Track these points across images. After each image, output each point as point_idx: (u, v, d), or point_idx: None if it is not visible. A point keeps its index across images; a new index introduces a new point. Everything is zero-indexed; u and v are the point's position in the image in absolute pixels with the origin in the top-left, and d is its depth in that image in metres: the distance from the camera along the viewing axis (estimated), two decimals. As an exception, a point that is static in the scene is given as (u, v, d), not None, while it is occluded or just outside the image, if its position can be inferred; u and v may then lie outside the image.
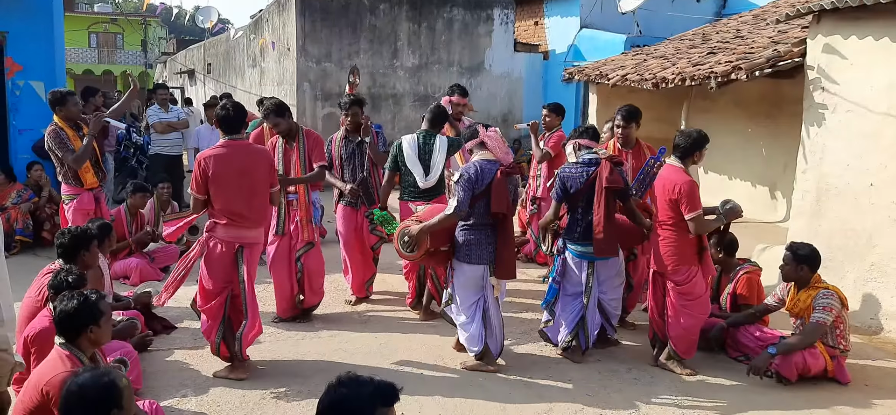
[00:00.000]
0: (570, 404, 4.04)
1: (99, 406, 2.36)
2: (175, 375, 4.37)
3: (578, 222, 4.56)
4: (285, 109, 5.07)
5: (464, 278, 4.35)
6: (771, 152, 7.88)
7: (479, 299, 4.39)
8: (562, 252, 4.70)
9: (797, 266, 4.39)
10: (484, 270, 4.30)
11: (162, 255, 6.75)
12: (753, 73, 6.15)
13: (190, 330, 5.17)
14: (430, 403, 4.02)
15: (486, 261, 4.28)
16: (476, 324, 4.38)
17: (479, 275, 4.31)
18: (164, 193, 7.19)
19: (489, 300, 4.40)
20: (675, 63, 7.81)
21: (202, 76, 20.35)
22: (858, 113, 5.38)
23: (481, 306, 4.40)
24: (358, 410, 2.13)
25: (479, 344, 4.43)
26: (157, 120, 9.05)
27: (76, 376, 2.43)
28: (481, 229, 4.27)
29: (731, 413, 3.97)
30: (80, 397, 2.36)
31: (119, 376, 2.46)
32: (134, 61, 38.79)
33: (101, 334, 3.12)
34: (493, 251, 4.27)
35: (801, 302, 4.39)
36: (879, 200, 5.20)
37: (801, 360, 4.26)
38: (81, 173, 5.66)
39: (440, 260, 4.47)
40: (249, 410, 3.91)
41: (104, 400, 2.37)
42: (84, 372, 2.47)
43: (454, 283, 4.42)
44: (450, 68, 13.83)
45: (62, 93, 5.81)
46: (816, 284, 4.38)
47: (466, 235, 4.29)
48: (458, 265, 4.35)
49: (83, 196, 5.72)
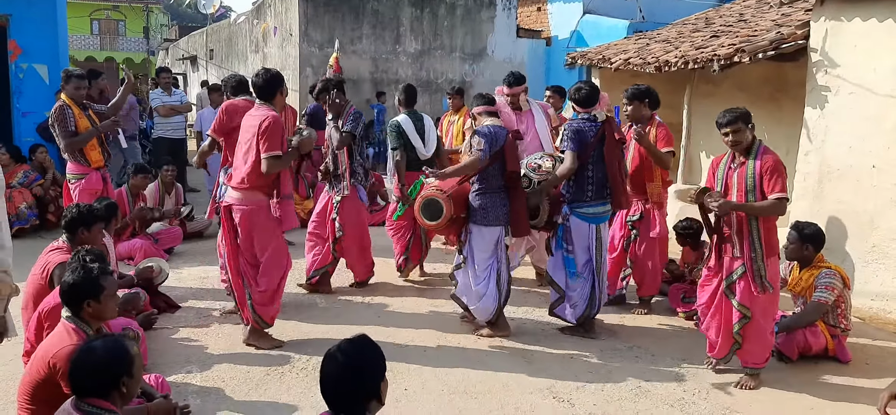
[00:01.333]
0: (571, 380, 4.07)
1: (110, 372, 2.40)
2: (180, 351, 4.41)
3: (590, 181, 4.57)
4: (246, 86, 5.20)
5: (482, 241, 4.52)
6: (773, 136, 7.86)
7: (492, 262, 4.55)
8: (566, 220, 4.66)
9: (802, 245, 4.39)
10: (500, 231, 4.53)
11: (166, 236, 6.79)
12: (756, 56, 6.14)
13: (194, 309, 5.22)
14: (433, 377, 4.06)
15: (502, 222, 4.50)
16: (491, 285, 4.55)
17: (496, 236, 4.53)
18: (167, 176, 7.21)
19: (502, 263, 4.58)
20: (677, 47, 7.80)
21: (204, 62, 20.34)
22: (861, 95, 5.37)
23: (495, 268, 4.56)
24: (372, 372, 2.17)
25: (494, 305, 4.57)
26: (161, 104, 9.07)
27: (87, 343, 2.47)
28: (495, 193, 4.48)
29: (728, 391, 3.99)
30: (92, 363, 2.39)
31: (130, 344, 2.50)
32: (136, 48, 38.71)
33: (100, 310, 3.10)
34: (508, 212, 4.49)
35: (804, 281, 4.41)
36: (881, 182, 5.21)
37: (801, 338, 4.29)
38: (87, 152, 5.70)
39: (458, 226, 4.64)
40: (254, 385, 3.96)
41: (115, 366, 2.40)
42: (95, 340, 2.50)
43: (471, 247, 4.57)
44: (452, 54, 13.82)
45: (68, 73, 5.87)
46: (819, 264, 4.40)
47: (482, 199, 4.48)
48: (476, 229, 4.52)
49: (91, 176, 5.77)
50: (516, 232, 4.58)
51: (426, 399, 3.81)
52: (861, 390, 4.03)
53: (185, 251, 6.94)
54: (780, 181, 3.77)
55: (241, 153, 4.33)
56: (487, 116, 4.61)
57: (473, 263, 4.58)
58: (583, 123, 4.60)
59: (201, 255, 6.73)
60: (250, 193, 4.27)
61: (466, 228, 4.60)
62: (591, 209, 4.61)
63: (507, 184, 4.50)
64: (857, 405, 3.83)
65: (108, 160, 5.93)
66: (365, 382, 2.15)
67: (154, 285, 5.16)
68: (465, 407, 3.72)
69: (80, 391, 2.40)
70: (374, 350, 2.22)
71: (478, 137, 4.42)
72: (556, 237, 4.73)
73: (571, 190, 4.62)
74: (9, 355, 4.23)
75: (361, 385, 2.14)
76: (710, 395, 3.92)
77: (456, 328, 4.87)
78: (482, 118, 4.65)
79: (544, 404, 3.77)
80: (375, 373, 2.18)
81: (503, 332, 4.67)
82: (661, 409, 3.74)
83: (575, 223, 4.63)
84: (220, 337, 4.66)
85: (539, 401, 3.81)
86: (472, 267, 4.58)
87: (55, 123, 5.65)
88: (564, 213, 4.67)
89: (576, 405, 3.77)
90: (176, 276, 5.98)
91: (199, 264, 6.43)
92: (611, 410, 3.73)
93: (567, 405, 3.77)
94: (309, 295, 5.58)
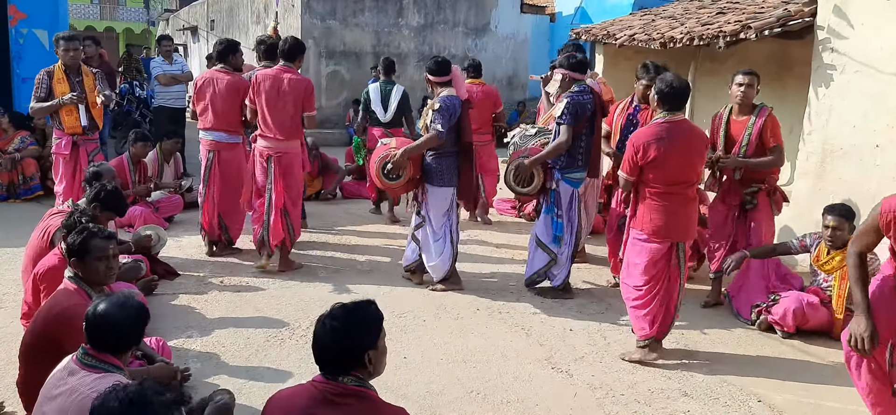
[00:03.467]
0: (569, 351, 4.09)
1: (135, 332, 2.41)
2: (180, 317, 4.42)
3: (581, 149, 4.71)
4: (230, 51, 5.55)
5: (437, 202, 4.89)
6: (777, 114, 7.72)
7: (446, 221, 4.93)
8: (557, 185, 4.77)
9: (850, 226, 4.23)
10: (453, 191, 4.93)
11: (166, 204, 6.77)
12: (762, 33, 6.09)
13: (194, 277, 5.23)
14: (432, 348, 4.08)
15: (454, 184, 4.91)
16: (447, 244, 4.92)
17: (450, 196, 4.92)
18: (170, 146, 7.16)
19: (454, 223, 4.99)
20: (683, 23, 7.73)
21: (205, 33, 20.18)
22: (866, 74, 5.34)
23: (449, 227, 4.94)
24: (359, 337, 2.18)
25: (450, 262, 4.96)
26: (161, 72, 8.99)
27: (121, 298, 2.44)
28: (450, 156, 4.85)
29: (726, 361, 4.01)
30: (125, 319, 2.37)
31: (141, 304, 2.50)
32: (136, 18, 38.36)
33: (101, 269, 3.10)
34: (458, 176, 4.89)
35: (834, 261, 4.29)
36: (885, 160, 5.19)
37: (799, 310, 4.29)
38: (62, 116, 5.67)
39: (414, 186, 5.02)
40: (254, 351, 3.98)
41: (139, 328, 2.42)
42: (127, 297, 2.48)
43: (428, 206, 4.92)
44: (455, 29, 13.71)
45: (58, 37, 5.84)
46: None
47: (437, 162, 4.84)
48: (432, 189, 4.88)
49: (62, 140, 5.78)
50: (462, 196, 4.98)
51: (425, 368, 3.83)
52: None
53: (185, 220, 6.93)
54: (778, 135, 4.62)
55: (279, 110, 5.15)
56: (446, 87, 4.82)
57: (431, 223, 4.91)
58: (582, 97, 4.64)
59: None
60: (291, 143, 5.21)
61: (423, 189, 4.93)
62: (579, 175, 4.79)
63: (460, 150, 4.86)
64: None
65: (88, 130, 5.82)
66: (356, 343, 2.14)
67: (152, 253, 5.16)
68: (464, 376, 3.74)
69: (99, 344, 2.37)
70: (366, 314, 2.20)
71: (434, 115, 4.72)
72: (547, 203, 4.85)
73: (564, 158, 4.71)
74: (8, 317, 4.25)
75: (354, 347, 2.13)
76: (707, 367, 3.94)
77: (455, 299, 4.89)
78: (437, 88, 4.85)
79: (542, 374, 3.80)
80: (362, 339, 2.16)
81: (457, 286, 5.02)
82: (659, 380, 3.76)
83: (564, 188, 4.78)
84: (219, 304, 4.68)
85: (537, 371, 3.83)
86: (430, 226, 4.91)
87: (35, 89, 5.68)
88: (556, 178, 4.78)
89: (574, 376, 3.79)
90: (176, 244, 5.99)
91: (198, 232, 6.42)
92: (609, 380, 3.75)
93: (565, 376, 3.79)
94: (309, 264, 5.59)
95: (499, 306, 4.79)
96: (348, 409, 2.08)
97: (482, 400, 3.50)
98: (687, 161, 3.82)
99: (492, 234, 6.87)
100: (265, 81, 5.17)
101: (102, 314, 2.37)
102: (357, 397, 2.12)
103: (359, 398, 2.11)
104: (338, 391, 2.11)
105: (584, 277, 5.53)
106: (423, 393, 3.54)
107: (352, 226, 6.98)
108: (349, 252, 6.06)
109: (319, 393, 2.11)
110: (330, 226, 6.90)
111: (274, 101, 5.16)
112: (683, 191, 3.83)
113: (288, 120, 5.19)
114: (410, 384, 3.63)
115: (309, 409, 2.08)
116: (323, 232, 6.60)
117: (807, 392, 3.70)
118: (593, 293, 5.16)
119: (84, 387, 2.24)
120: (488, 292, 5.06)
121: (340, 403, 2.09)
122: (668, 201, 3.80)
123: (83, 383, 2.26)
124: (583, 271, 5.68)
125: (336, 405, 2.08)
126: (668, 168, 3.77)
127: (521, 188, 4.90)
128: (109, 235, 3.23)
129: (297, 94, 5.16)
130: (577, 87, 4.71)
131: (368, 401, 2.13)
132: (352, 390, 2.12)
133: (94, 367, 2.35)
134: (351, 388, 2.12)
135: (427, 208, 4.93)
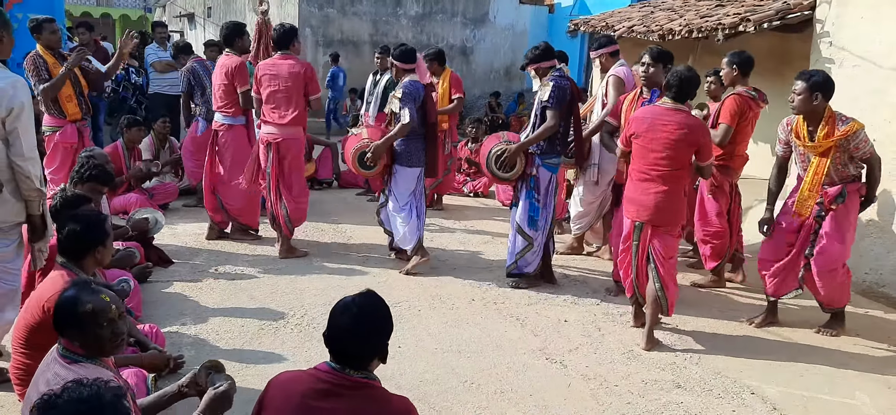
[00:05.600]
0: (564, 341, 4.09)
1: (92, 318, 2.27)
2: (174, 305, 4.41)
3: (559, 135, 4.82)
4: (235, 35, 5.62)
5: (404, 180, 5.13)
6: (775, 109, 7.78)
7: (412, 198, 5.17)
8: (537, 171, 4.82)
9: (811, 95, 3.98)
10: (420, 171, 5.17)
11: (161, 191, 6.75)
12: (761, 26, 6.08)
13: (188, 264, 5.22)
14: (427, 338, 4.07)
15: (421, 164, 5.15)
16: (413, 217, 5.16)
17: (417, 175, 5.17)
18: (161, 129, 7.14)
19: (420, 200, 5.23)
20: (682, 15, 7.71)
21: (202, 20, 20.08)
22: (865, 68, 5.33)
23: (415, 204, 5.18)
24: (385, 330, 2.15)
25: (417, 234, 5.17)
26: (156, 59, 8.93)
27: (67, 289, 2.35)
28: (417, 138, 5.09)
29: (720, 353, 4.01)
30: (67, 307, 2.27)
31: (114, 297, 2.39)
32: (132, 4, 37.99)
33: (105, 254, 3.15)
34: (425, 156, 5.15)
35: (825, 138, 4.03)
36: (883, 155, 5.10)
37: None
38: (63, 103, 5.56)
39: (386, 171, 5.25)
40: (249, 338, 3.97)
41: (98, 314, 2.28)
42: (75, 286, 2.36)
43: (395, 184, 5.15)
44: (453, 19, 13.65)
45: (38, 20, 5.71)
46: (842, 117, 4.05)
47: (405, 144, 5.07)
48: (400, 169, 5.13)
49: (66, 129, 5.62)
50: (430, 173, 5.28)
51: (420, 357, 3.83)
52: (851, 356, 4.06)
53: (180, 207, 6.91)
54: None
55: (281, 97, 5.21)
56: (407, 74, 5.05)
57: (396, 198, 5.16)
58: (563, 81, 4.73)
59: (196, 211, 6.71)
60: (294, 128, 5.29)
61: (391, 170, 5.17)
62: (556, 160, 4.89)
63: (426, 132, 5.10)
64: (848, 371, 3.87)
65: (86, 114, 5.77)
66: (382, 339, 2.11)
67: (148, 237, 5.14)
68: (458, 365, 3.74)
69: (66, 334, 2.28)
70: (387, 309, 2.17)
71: (399, 102, 4.94)
72: (527, 189, 4.90)
73: (545, 143, 4.79)
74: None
75: (378, 343, 2.11)
76: (701, 359, 3.95)
77: (450, 289, 4.89)
78: (403, 74, 5.06)
79: (536, 364, 3.80)
80: (387, 332, 2.14)
81: (425, 258, 5.23)
82: (653, 372, 3.77)
83: (543, 173, 4.85)
84: (214, 292, 4.67)
85: (531, 361, 3.83)
86: (394, 201, 5.17)
87: (30, 74, 5.55)
88: (537, 164, 4.84)
89: (568, 366, 3.79)
90: (171, 231, 5.97)
91: (193, 220, 6.41)
92: (602, 371, 3.75)
93: (559, 366, 3.79)
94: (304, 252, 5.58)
95: (494, 297, 4.79)
96: (354, 400, 2.03)
97: (476, 390, 3.50)
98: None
99: (473, 222, 6.86)
100: (265, 70, 5.25)
101: (60, 303, 2.28)
102: (363, 388, 2.07)
103: (365, 389, 2.07)
104: (344, 383, 2.05)
105: (579, 266, 5.53)
106: (416, 382, 3.54)
107: (348, 214, 6.97)
108: (345, 240, 6.06)
109: (324, 383, 2.05)
110: (326, 214, 6.89)
111: (274, 89, 5.21)
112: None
113: (289, 107, 5.21)
114: (404, 374, 3.62)
115: (310, 398, 2.03)
116: (319, 220, 6.58)
117: (799, 384, 3.71)
118: (589, 284, 5.16)
119: (62, 379, 2.15)
120: (483, 282, 5.06)
121: (346, 394, 2.04)
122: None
123: (62, 375, 2.17)
124: (578, 261, 5.69)
125: (341, 397, 2.03)
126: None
127: (504, 174, 4.94)
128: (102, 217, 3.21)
129: (297, 80, 5.19)
130: (555, 71, 4.78)
131: (375, 392, 2.09)
132: (358, 382, 2.07)
133: (74, 360, 2.26)
134: (357, 380, 2.07)
135: (394, 186, 5.16)
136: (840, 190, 4.16)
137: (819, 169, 4.10)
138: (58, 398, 1.60)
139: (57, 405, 1.59)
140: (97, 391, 1.63)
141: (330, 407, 2.01)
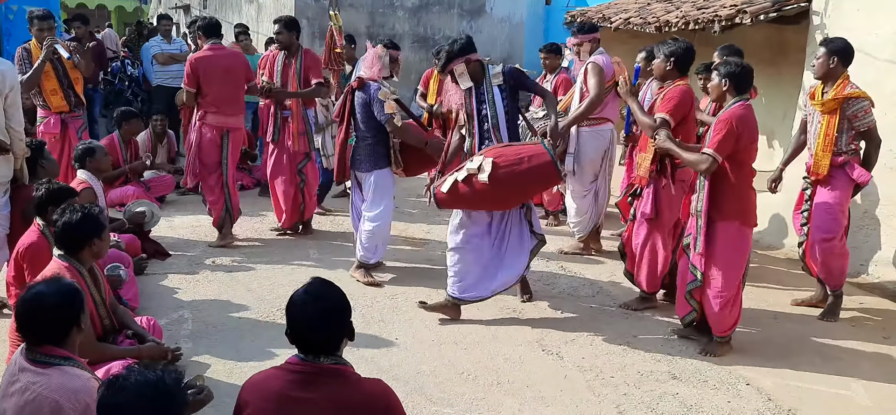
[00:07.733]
0: (560, 334, 4.11)
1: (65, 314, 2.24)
2: (171, 297, 4.42)
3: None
4: (295, 26, 5.73)
5: (383, 181, 4.83)
6: (771, 101, 7.82)
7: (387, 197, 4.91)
8: None
9: (828, 58, 4.30)
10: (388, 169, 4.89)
11: (157, 183, 6.73)
12: (758, 18, 6.08)
13: (185, 257, 5.22)
14: (424, 330, 4.09)
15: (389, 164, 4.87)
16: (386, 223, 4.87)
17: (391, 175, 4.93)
18: (158, 124, 7.12)
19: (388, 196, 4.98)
20: (678, 7, 7.70)
21: (198, 10, 19.96)
22: (861, 60, 5.30)
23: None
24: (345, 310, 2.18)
25: (382, 248, 4.92)
26: (159, 51, 8.89)
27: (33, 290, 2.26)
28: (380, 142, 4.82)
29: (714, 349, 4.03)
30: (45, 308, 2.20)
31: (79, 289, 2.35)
32: (128, -4, 37.83)
33: (102, 247, 3.15)
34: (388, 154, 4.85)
35: (831, 99, 4.32)
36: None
37: None
38: (47, 96, 5.58)
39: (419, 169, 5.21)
40: (245, 331, 3.98)
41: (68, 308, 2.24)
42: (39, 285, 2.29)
43: (373, 188, 4.82)
44: (450, 10, 13.60)
45: (32, 15, 5.71)
46: (855, 86, 4.34)
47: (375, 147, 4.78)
48: (378, 173, 4.82)
49: (50, 120, 5.68)
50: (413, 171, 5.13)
51: (417, 350, 3.84)
52: (845, 348, 4.09)
53: (176, 200, 6.91)
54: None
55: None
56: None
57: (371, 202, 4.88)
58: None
59: (193, 203, 6.70)
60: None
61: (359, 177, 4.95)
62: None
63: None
64: (842, 362, 3.89)
65: (75, 106, 5.76)
66: (343, 320, 2.14)
67: (145, 230, 5.14)
68: (455, 358, 3.76)
69: (31, 337, 2.20)
70: (338, 290, 2.20)
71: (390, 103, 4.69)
72: None
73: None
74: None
75: (341, 324, 2.13)
76: (696, 349, 3.96)
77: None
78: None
79: (533, 356, 3.81)
80: (347, 312, 2.17)
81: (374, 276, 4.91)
82: (649, 363, 3.79)
83: None
84: (211, 284, 4.68)
85: (528, 353, 3.85)
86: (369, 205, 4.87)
87: (17, 64, 5.56)
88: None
89: (564, 358, 3.81)
90: (167, 224, 5.97)
91: (190, 213, 6.41)
92: (599, 363, 3.77)
93: (556, 358, 3.81)
94: (300, 246, 5.59)
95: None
96: (327, 388, 2.04)
97: (472, 382, 3.51)
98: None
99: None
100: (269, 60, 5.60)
101: (20, 303, 2.21)
102: (335, 374, 2.08)
103: (337, 376, 2.08)
104: (315, 371, 2.06)
105: (579, 263, 5.54)
106: (413, 374, 3.55)
107: (344, 206, 6.96)
108: (341, 231, 6.06)
109: (296, 375, 2.06)
110: (324, 207, 6.88)
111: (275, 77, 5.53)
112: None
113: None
114: (401, 366, 3.64)
115: (286, 391, 2.04)
116: (316, 213, 6.57)
117: (795, 376, 3.73)
118: (586, 276, 5.18)
119: (35, 385, 2.12)
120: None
121: (320, 382, 2.05)
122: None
123: (34, 382, 2.12)
124: (576, 256, 5.70)
125: (316, 385, 2.04)
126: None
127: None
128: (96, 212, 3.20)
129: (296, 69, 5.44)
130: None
131: (346, 377, 2.10)
132: (329, 369, 2.07)
133: (41, 362, 2.16)
134: (328, 367, 2.07)
135: (369, 190, 4.86)
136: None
137: (828, 129, 4.35)
138: (126, 380, 1.74)
139: (126, 387, 1.72)
140: (161, 375, 1.76)
141: (307, 397, 2.02)
